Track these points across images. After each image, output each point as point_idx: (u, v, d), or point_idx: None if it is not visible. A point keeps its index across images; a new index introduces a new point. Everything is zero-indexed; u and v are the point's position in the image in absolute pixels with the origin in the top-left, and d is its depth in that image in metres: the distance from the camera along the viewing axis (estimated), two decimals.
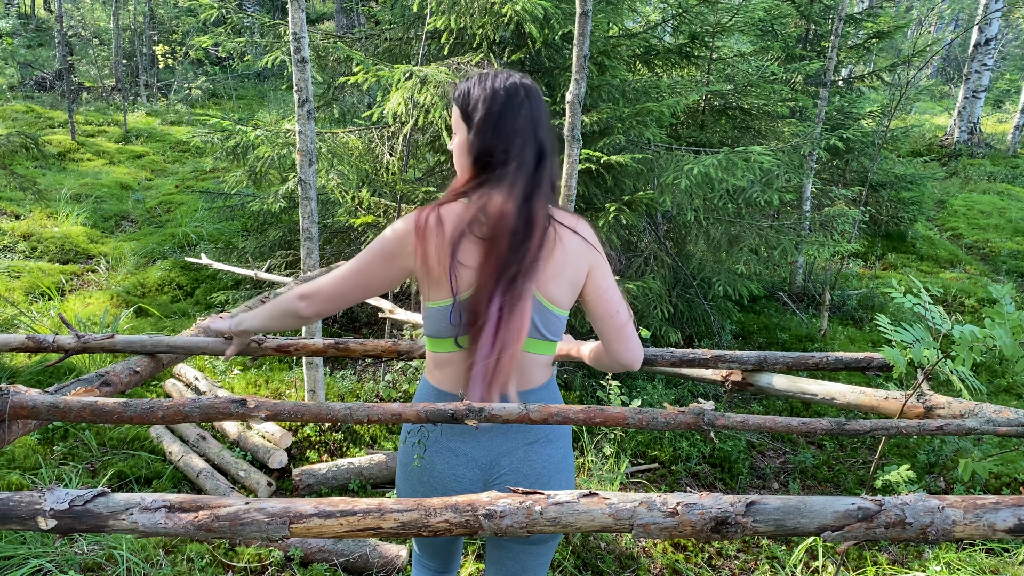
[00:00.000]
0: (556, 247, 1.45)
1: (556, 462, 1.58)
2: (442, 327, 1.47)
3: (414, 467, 1.56)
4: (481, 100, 1.44)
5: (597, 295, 1.51)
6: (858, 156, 6.71)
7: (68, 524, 1.09)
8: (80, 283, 5.71)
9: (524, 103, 1.45)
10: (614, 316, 1.53)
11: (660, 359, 1.96)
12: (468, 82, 1.48)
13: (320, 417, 1.24)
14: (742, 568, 2.87)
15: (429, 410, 1.24)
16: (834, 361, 1.92)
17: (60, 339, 1.86)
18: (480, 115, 1.44)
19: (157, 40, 14.59)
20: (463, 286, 1.42)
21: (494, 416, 1.24)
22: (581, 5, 2.52)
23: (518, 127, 1.43)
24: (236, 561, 2.70)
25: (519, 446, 1.54)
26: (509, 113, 1.43)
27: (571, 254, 1.47)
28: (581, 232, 1.49)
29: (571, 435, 1.63)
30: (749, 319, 5.54)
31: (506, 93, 1.44)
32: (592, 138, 4.02)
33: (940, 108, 17.02)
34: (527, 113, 1.45)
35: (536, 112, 1.46)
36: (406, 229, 1.44)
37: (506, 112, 1.43)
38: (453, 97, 1.50)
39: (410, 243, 1.43)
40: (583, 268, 1.49)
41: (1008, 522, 1.04)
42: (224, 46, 4.56)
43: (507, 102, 1.43)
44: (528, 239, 1.41)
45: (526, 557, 1.65)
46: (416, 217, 1.44)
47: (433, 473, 1.53)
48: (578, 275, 1.49)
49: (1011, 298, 1.41)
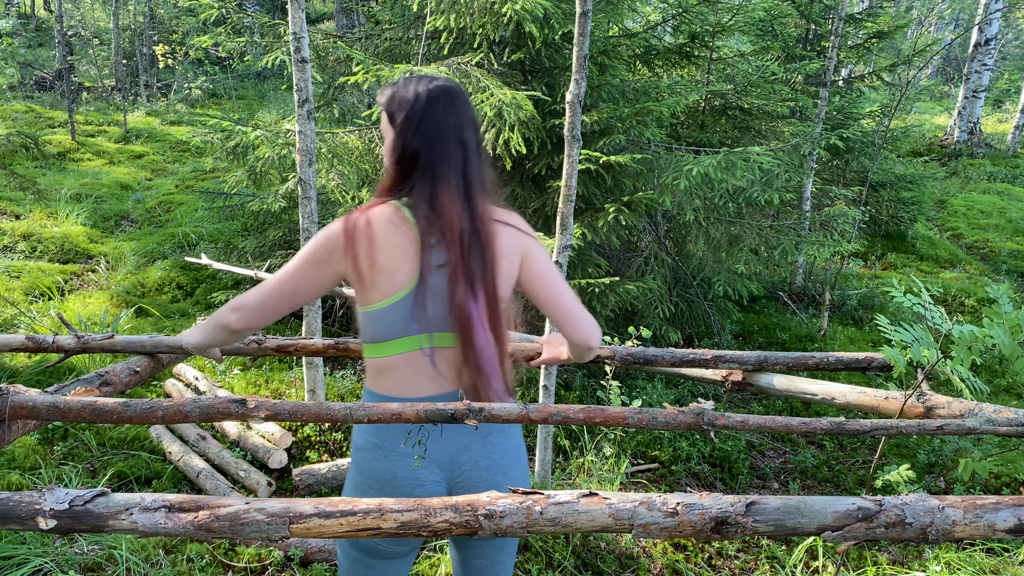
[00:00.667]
0: (496, 242, 1.49)
1: (513, 450, 1.61)
2: (390, 328, 1.47)
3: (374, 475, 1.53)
4: (404, 103, 1.47)
5: (536, 281, 1.54)
6: (858, 156, 6.71)
7: (68, 524, 1.09)
8: (80, 283, 5.71)
9: (446, 105, 1.47)
10: (556, 299, 1.55)
11: (660, 359, 1.96)
12: (394, 86, 1.51)
13: (320, 417, 1.24)
14: (742, 568, 2.87)
15: (429, 410, 1.24)
16: (834, 361, 1.92)
17: (60, 339, 1.86)
18: (402, 117, 1.46)
19: (157, 40, 14.59)
20: (399, 285, 1.44)
21: (494, 416, 1.24)
22: (581, 5, 2.52)
23: (440, 128, 1.46)
24: (236, 561, 2.70)
25: (475, 440, 1.54)
26: (430, 115, 1.45)
27: (506, 246, 1.51)
28: (513, 223, 1.53)
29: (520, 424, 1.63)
30: (749, 319, 5.54)
31: (428, 96, 1.46)
32: (592, 138, 4.02)
33: (940, 108, 17.02)
34: (450, 115, 1.47)
35: (460, 114, 1.48)
36: (335, 233, 1.45)
37: (427, 114, 1.45)
38: (380, 102, 1.53)
39: (340, 247, 1.44)
40: (516, 258, 1.53)
41: (1008, 522, 1.04)
42: (224, 46, 4.56)
43: (428, 104, 1.46)
44: (479, 237, 1.45)
45: (492, 552, 1.66)
46: (345, 221, 1.45)
47: (394, 481, 1.51)
48: (512, 266, 1.52)
49: (1009, 298, 1.41)
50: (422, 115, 1.45)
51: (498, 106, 3.36)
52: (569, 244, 2.86)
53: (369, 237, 1.43)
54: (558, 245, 2.85)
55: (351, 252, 1.43)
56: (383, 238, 1.43)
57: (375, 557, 1.58)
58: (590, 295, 3.83)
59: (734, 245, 4.58)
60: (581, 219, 3.90)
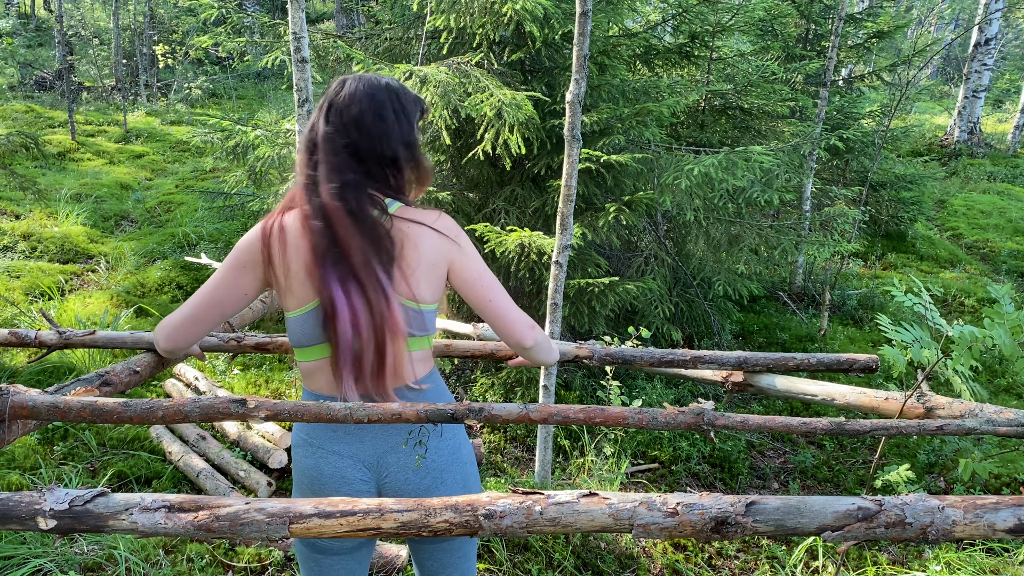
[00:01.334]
0: (406, 244, 1.45)
1: (448, 453, 1.56)
2: (303, 335, 1.46)
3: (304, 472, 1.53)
4: (329, 93, 1.47)
5: (465, 285, 1.53)
6: (858, 156, 6.71)
7: (68, 524, 1.09)
8: (80, 283, 5.71)
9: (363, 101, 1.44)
10: (488, 302, 1.53)
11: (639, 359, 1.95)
12: (333, 89, 1.49)
13: (320, 417, 1.24)
14: (742, 568, 2.87)
15: (429, 410, 1.24)
16: (815, 363, 1.91)
17: (42, 334, 1.87)
18: (322, 103, 1.47)
19: (157, 40, 14.59)
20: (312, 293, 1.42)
21: (494, 416, 1.24)
22: (581, 5, 2.52)
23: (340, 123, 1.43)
24: (236, 561, 2.70)
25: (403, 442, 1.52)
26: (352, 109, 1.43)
27: (425, 249, 1.46)
28: (436, 226, 1.49)
29: (462, 425, 1.56)
30: (749, 319, 5.54)
31: (354, 90, 1.45)
32: (592, 138, 4.02)
33: (940, 108, 17.02)
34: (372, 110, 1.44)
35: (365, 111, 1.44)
36: (253, 238, 1.45)
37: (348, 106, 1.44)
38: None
39: (258, 251, 1.44)
40: (443, 262, 1.49)
41: (1008, 522, 1.04)
42: (224, 46, 4.56)
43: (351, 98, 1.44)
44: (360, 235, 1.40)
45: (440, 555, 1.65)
46: (263, 225, 1.44)
47: (321, 479, 1.51)
48: (438, 270, 1.49)
49: (1010, 298, 1.41)
50: (342, 105, 1.44)
51: (498, 106, 3.36)
52: (569, 244, 2.86)
53: (283, 243, 1.42)
54: (558, 245, 2.85)
55: (268, 258, 1.43)
56: (295, 244, 1.42)
57: (320, 552, 1.57)
58: (590, 295, 3.83)
59: (734, 245, 4.58)
60: (581, 219, 3.90)
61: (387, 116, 1.45)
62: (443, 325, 2.68)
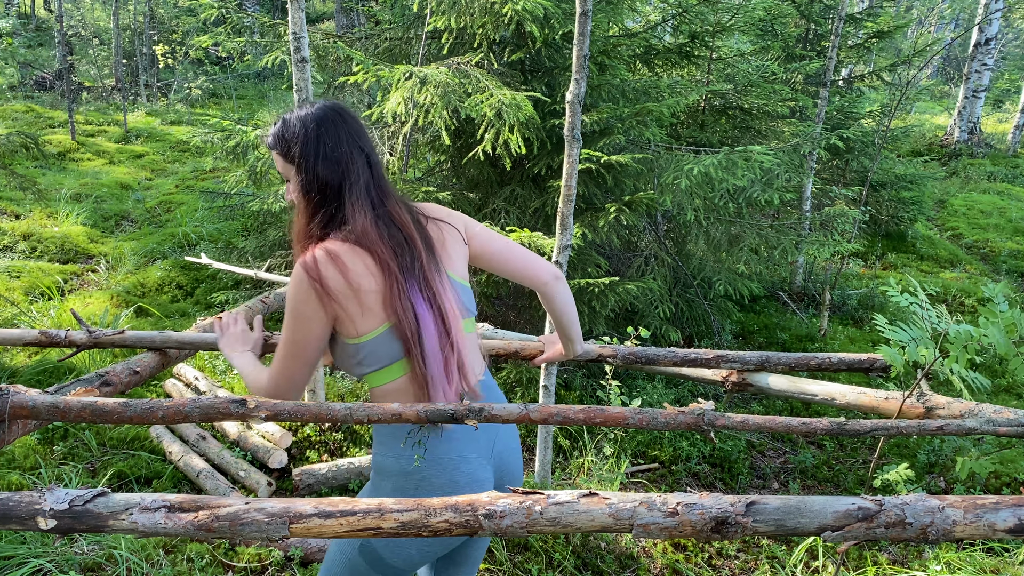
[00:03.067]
0: (432, 228, 1.51)
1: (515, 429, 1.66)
2: (383, 355, 1.42)
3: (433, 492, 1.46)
4: (296, 136, 1.43)
5: (487, 243, 1.59)
6: (858, 156, 6.71)
7: (68, 524, 1.09)
8: (80, 283, 5.71)
9: (336, 121, 1.45)
10: (511, 247, 1.61)
11: (662, 358, 1.96)
12: (276, 127, 1.47)
13: (320, 417, 1.24)
14: (742, 568, 2.87)
15: (429, 410, 1.24)
16: (837, 362, 1.92)
17: (72, 334, 1.87)
18: (299, 150, 1.43)
19: (157, 40, 14.59)
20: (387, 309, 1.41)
21: (494, 416, 1.24)
22: (581, 5, 2.52)
23: (340, 146, 1.44)
24: (236, 561, 2.70)
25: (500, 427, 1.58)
26: (327, 136, 1.43)
27: (445, 229, 1.53)
28: (437, 209, 1.57)
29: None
30: (749, 319, 5.54)
31: (316, 120, 1.44)
32: (592, 138, 4.02)
33: (940, 108, 17.01)
34: (344, 130, 1.45)
35: (351, 127, 1.47)
36: (301, 282, 1.39)
37: (324, 137, 1.43)
38: (269, 145, 1.49)
39: (312, 292, 1.38)
40: (461, 232, 1.56)
41: (1008, 522, 1.04)
42: (224, 46, 4.56)
43: (320, 127, 1.43)
44: (405, 237, 1.44)
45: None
46: (303, 265, 1.39)
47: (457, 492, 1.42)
48: (460, 244, 1.55)
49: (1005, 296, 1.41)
50: (318, 140, 1.42)
51: (498, 106, 3.36)
52: (569, 244, 2.86)
53: (340, 268, 1.38)
54: (558, 245, 2.85)
55: (325, 291, 1.38)
56: (355, 266, 1.39)
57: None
58: (590, 295, 3.83)
59: (734, 245, 4.58)
60: (581, 219, 3.90)
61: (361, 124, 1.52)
62: None
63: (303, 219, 1.47)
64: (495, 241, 1.60)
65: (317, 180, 1.43)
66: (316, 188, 1.44)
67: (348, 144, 1.45)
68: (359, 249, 1.40)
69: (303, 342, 1.43)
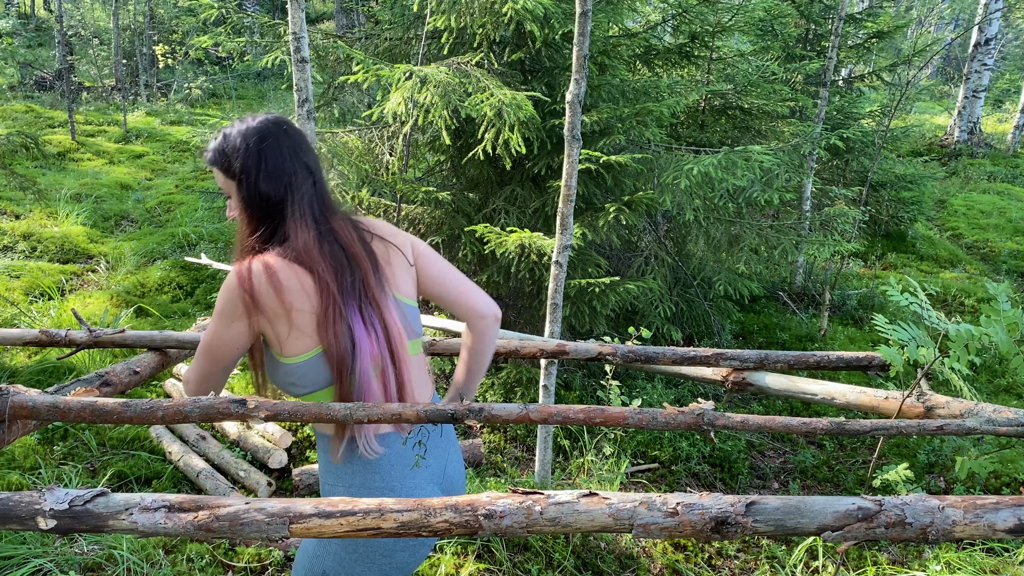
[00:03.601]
0: (378, 246, 1.48)
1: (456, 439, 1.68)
2: (314, 380, 1.39)
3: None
4: (237, 151, 1.40)
5: (429, 264, 1.55)
6: (858, 156, 6.71)
7: (68, 524, 1.09)
8: (80, 283, 5.71)
9: (278, 136, 1.42)
10: (452, 272, 1.57)
11: (661, 357, 1.96)
12: (216, 141, 1.44)
13: (320, 417, 1.24)
14: (742, 568, 2.87)
15: (429, 410, 1.24)
16: (835, 360, 1.92)
17: (72, 333, 1.88)
18: (240, 165, 1.39)
19: (157, 40, 14.59)
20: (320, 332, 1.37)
21: (494, 416, 1.24)
22: (581, 5, 2.52)
23: (283, 162, 1.41)
24: (236, 561, 2.70)
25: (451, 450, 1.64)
26: (269, 152, 1.40)
27: (392, 248, 1.50)
28: (384, 227, 1.53)
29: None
30: (749, 319, 5.54)
31: (258, 134, 1.40)
32: (592, 138, 4.02)
33: (940, 108, 17.01)
34: (288, 145, 1.42)
35: (294, 141, 1.44)
36: (232, 287, 1.37)
37: (266, 152, 1.40)
38: (209, 160, 1.46)
39: (239, 302, 1.36)
40: (407, 252, 1.53)
41: (1008, 522, 1.04)
42: (224, 46, 4.56)
43: (261, 142, 1.40)
44: (349, 256, 1.41)
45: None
46: (238, 279, 1.36)
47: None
48: (406, 264, 1.52)
49: (1007, 296, 1.41)
50: (260, 155, 1.39)
51: (498, 106, 3.36)
52: (569, 244, 2.86)
53: (275, 285, 1.34)
54: (558, 245, 2.85)
55: (255, 305, 1.35)
56: (292, 284, 1.36)
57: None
58: (590, 295, 3.83)
59: (734, 245, 4.58)
60: (581, 219, 3.90)
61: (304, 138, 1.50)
62: (443, 325, 2.69)
63: (244, 236, 1.43)
64: (438, 263, 1.56)
65: (259, 196, 1.39)
66: (258, 204, 1.40)
67: (292, 160, 1.41)
68: (298, 267, 1.36)
69: (220, 346, 1.41)
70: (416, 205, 4.33)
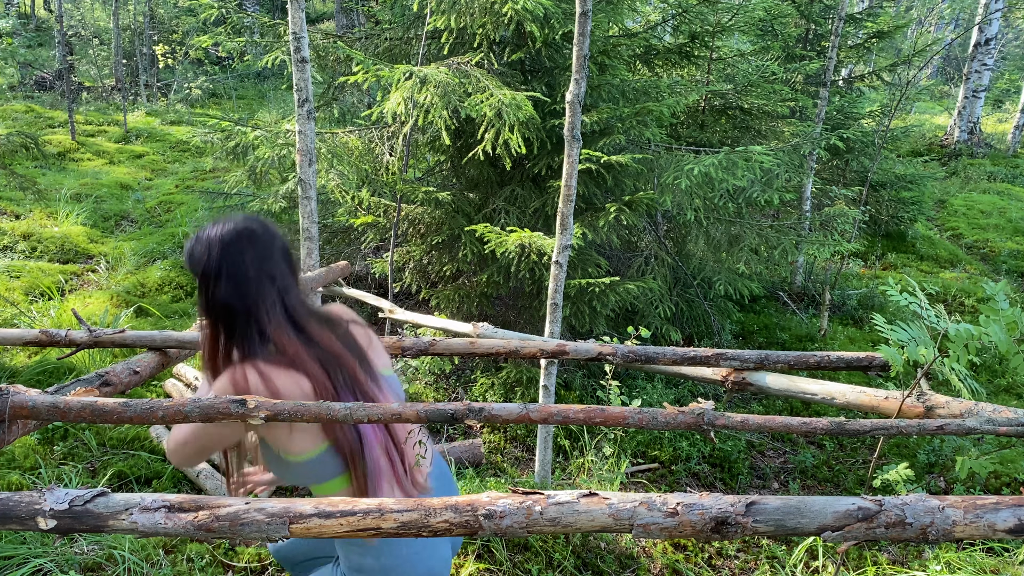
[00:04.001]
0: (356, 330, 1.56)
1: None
2: (322, 475, 1.41)
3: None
4: (200, 260, 1.40)
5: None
6: (858, 156, 6.71)
7: (68, 524, 1.09)
8: (80, 283, 5.71)
9: (244, 246, 1.40)
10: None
11: (661, 357, 1.96)
12: (190, 243, 1.44)
13: (320, 417, 1.24)
14: (742, 568, 2.87)
15: (429, 410, 1.24)
16: (836, 360, 1.92)
17: (72, 333, 1.88)
18: (201, 272, 1.40)
19: (157, 40, 14.59)
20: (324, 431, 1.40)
21: (494, 416, 1.24)
22: (581, 5, 2.52)
23: (246, 272, 1.40)
24: (236, 561, 2.70)
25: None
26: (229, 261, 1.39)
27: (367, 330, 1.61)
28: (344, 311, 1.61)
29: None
30: (749, 319, 5.54)
31: (221, 243, 1.39)
32: (592, 138, 4.02)
33: (940, 108, 17.01)
34: (251, 255, 1.41)
35: (259, 251, 1.42)
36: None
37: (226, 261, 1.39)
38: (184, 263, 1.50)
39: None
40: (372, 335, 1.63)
41: (1008, 522, 1.04)
42: (224, 46, 4.56)
43: (224, 252, 1.39)
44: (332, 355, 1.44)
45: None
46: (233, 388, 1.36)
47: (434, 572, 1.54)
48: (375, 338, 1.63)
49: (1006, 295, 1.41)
50: (220, 264, 1.38)
51: (498, 106, 3.36)
52: (569, 244, 2.86)
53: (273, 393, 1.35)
54: (558, 245, 2.85)
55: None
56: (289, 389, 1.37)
57: None
58: (590, 295, 3.83)
59: (734, 245, 4.58)
60: (581, 219, 3.90)
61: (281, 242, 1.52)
62: (443, 325, 2.69)
63: (208, 344, 1.43)
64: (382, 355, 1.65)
65: (219, 305, 1.39)
66: (219, 312, 1.40)
67: (254, 270, 1.40)
68: (293, 372, 1.38)
69: (209, 439, 1.42)
70: (416, 205, 4.33)
